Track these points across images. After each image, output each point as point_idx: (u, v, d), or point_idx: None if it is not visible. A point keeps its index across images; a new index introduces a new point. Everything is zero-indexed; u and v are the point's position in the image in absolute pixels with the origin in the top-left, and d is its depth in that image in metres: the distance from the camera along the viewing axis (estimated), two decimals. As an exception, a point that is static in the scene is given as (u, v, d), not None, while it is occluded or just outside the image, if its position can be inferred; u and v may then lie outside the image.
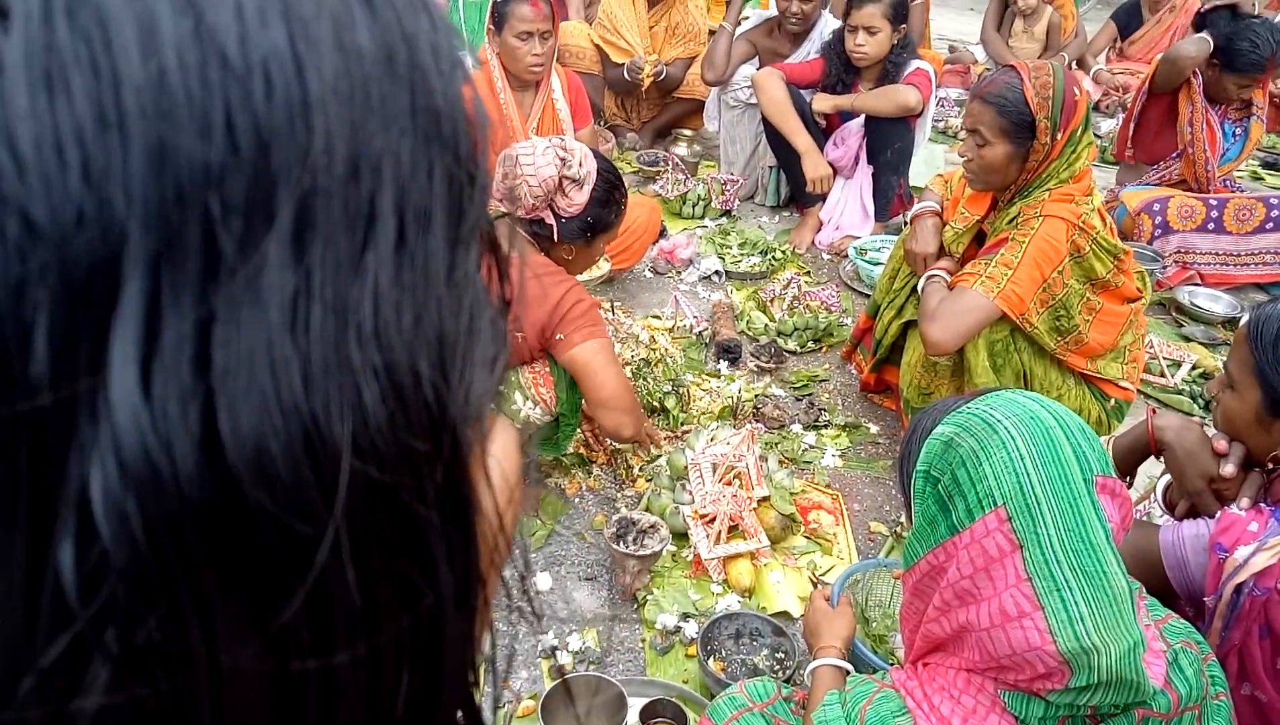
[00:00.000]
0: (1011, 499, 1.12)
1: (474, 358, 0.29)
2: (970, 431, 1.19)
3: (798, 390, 2.92)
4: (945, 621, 1.20)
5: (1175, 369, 3.08)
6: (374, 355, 0.25)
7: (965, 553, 1.15)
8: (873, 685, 1.29)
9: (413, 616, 0.28)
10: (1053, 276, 2.19)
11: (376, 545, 0.26)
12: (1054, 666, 1.10)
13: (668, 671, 1.96)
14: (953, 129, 5.14)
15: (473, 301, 0.29)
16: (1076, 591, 1.09)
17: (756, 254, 3.70)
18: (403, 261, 0.26)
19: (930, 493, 1.21)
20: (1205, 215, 3.57)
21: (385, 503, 0.26)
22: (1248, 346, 1.45)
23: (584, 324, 2.06)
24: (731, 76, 4.03)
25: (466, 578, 0.30)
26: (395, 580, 0.28)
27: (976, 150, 2.24)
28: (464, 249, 0.29)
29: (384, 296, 0.26)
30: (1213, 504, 1.50)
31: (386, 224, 0.26)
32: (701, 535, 2.18)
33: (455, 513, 0.29)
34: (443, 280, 0.28)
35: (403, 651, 0.28)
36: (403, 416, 0.26)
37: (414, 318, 0.26)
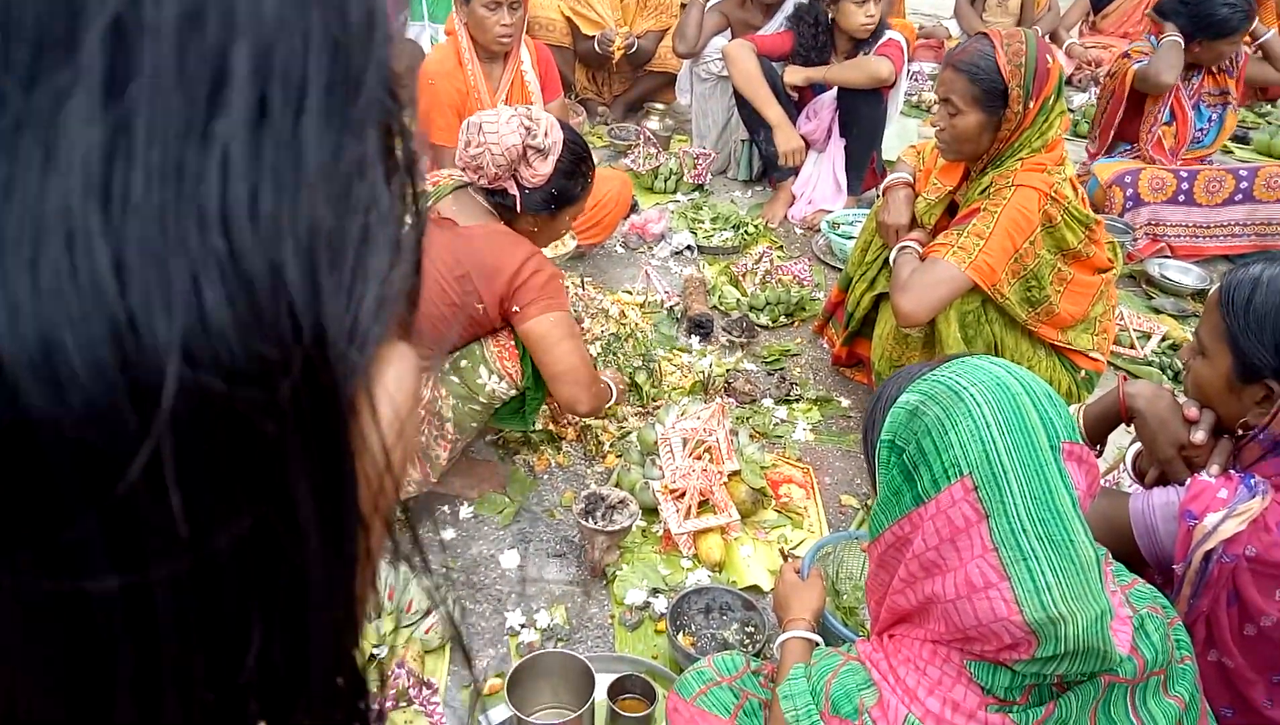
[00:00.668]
0: (977, 468, 1.10)
1: (365, 267, 0.25)
2: (936, 399, 1.16)
3: (769, 365, 2.90)
4: (911, 593, 1.18)
5: (1145, 341, 3.09)
6: (217, 241, 0.21)
7: (931, 523, 1.13)
8: (838, 658, 1.27)
9: (263, 559, 0.24)
10: (1024, 247, 2.17)
11: (210, 466, 0.22)
12: (1020, 637, 1.08)
13: (637, 647, 1.94)
14: (926, 103, 5.12)
15: (368, 201, 0.25)
16: (1043, 560, 1.07)
17: (729, 228, 3.67)
18: (264, 136, 0.22)
19: (895, 462, 1.19)
20: (1176, 187, 3.58)
21: (227, 420, 0.22)
22: (1219, 312, 1.43)
23: (543, 296, 2.01)
24: (703, 49, 3.98)
25: (338, 519, 0.26)
26: (236, 513, 0.23)
27: (949, 119, 2.22)
28: (353, 137, 0.24)
29: (235, 173, 0.21)
30: (1183, 471, 1.49)
31: (242, 87, 0.22)
32: (671, 510, 2.16)
33: (322, 440, 0.25)
34: (319, 168, 0.23)
35: (252, 600, 0.24)
36: (253, 319, 0.22)
37: (275, 205, 0.22)
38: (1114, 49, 5.26)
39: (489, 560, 2.13)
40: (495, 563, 2.12)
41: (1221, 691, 1.35)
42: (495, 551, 2.15)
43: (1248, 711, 1.34)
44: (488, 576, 2.09)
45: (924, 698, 1.15)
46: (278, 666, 0.26)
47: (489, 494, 2.29)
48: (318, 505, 0.25)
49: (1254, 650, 1.32)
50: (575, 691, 1.73)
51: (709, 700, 1.48)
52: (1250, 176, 3.56)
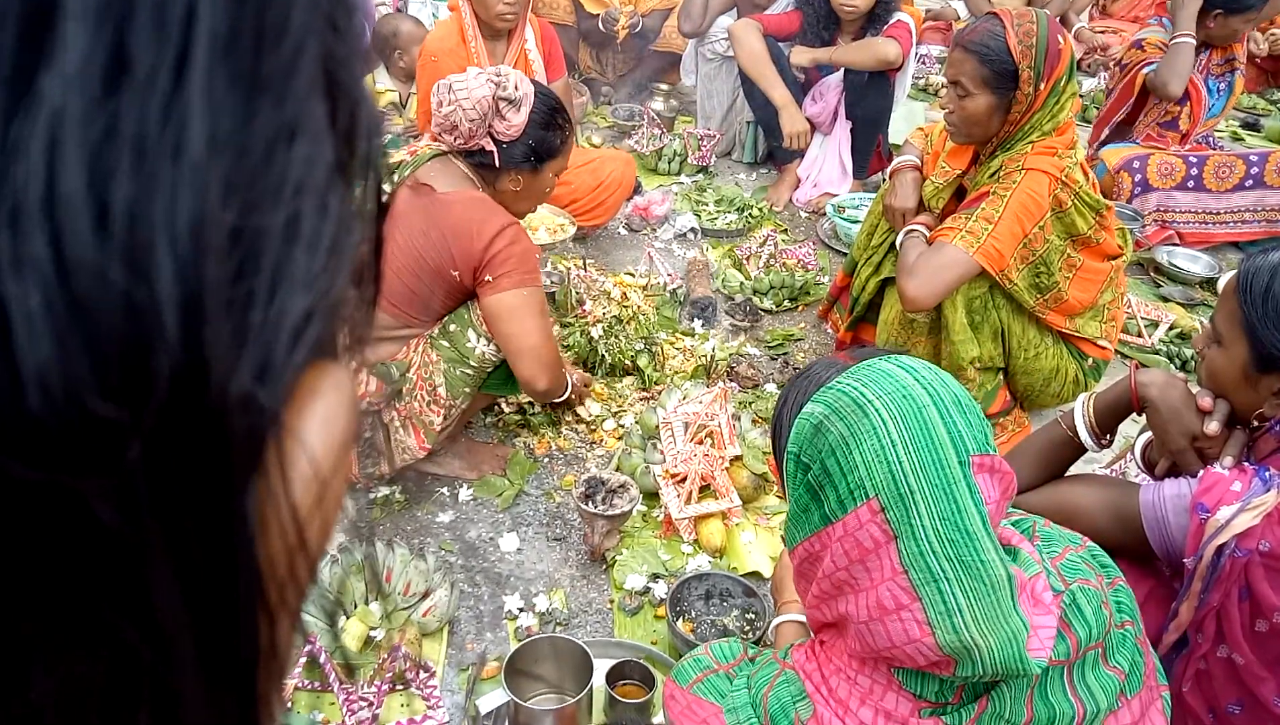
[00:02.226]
0: (884, 490, 1.07)
1: (289, 272, 0.18)
2: (840, 414, 1.12)
3: (772, 349, 2.87)
4: (826, 608, 1.16)
5: (1153, 329, 3.06)
6: (37, 247, 0.15)
7: (839, 544, 1.11)
8: (775, 667, 1.26)
9: (112, 687, 0.18)
10: (1034, 232, 2.14)
11: (19, 589, 0.16)
12: (936, 658, 1.07)
13: (636, 633, 1.92)
14: (933, 86, 5.07)
15: (298, 183, 0.19)
16: (953, 582, 1.05)
17: (733, 211, 3.63)
18: (121, 99, 0.16)
19: (801, 479, 1.16)
20: (1185, 173, 3.54)
21: (44, 513, 0.16)
22: (1236, 300, 1.40)
23: (518, 269, 1.99)
24: (709, 28, 3.93)
25: (225, 621, 0.20)
26: (66, 644, 0.17)
27: (958, 101, 2.18)
28: (273, 97, 0.18)
29: (69, 150, 0.15)
30: (1195, 463, 1.46)
31: (78, 28, 0.16)
32: (672, 495, 2.14)
33: (199, 522, 0.18)
34: (213, 141, 0.17)
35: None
36: (90, 363, 0.16)
37: (135, 194, 0.16)
38: (1124, 33, 5.21)
39: (488, 543, 2.11)
40: (494, 546, 2.10)
41: (1231, 687, 1.33)
42: (494, 534, 2.13)
43: (1257, 708, 1.32)
44: (486, 559, 2.07)
45: (856, 709, 1.14)
46: None
47: (488, 477, 2.27)
48: (190, 610, 0.19)
49: (1265, 646, 1.29)
50: (573, 677, 1.71)
51: (705, 688, 1.46)
52: (1261, 162, 3.52)
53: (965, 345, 2.21)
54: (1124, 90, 3.70)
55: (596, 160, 3.31)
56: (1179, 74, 3.45)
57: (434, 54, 3.10)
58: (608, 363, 2.62)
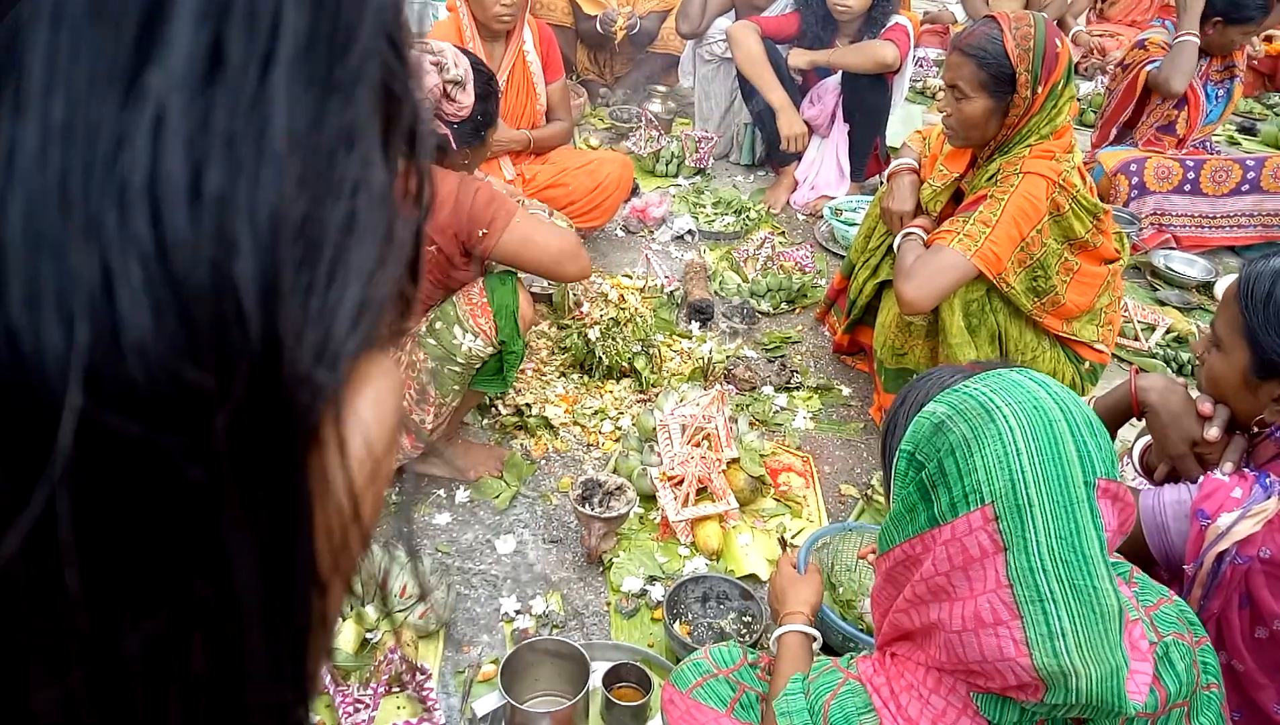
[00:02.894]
0: (1001, 498, 1.02)
1: (346, 263, 0.20)
2: (965, 416, 1.07)
3: (770, 352, 2.87)
4: (915, 614, 1.11)
5: (1149, 332, 3.06)
6: (141, 228, 0.16)
7: (944, 548, 1.06)
8: (838, 675, 1.21)
9: (186, 638, 0.19)
10: (1031, 235, 2.14)
11: (121, 531, 0.17)
12: (1027, 680, 1.01)
13: (633, 635, 1.92)
14: (931, 89, 5.07)
15: (356, 181, 0.20)
16: (1061, 605, 1.00)
17: (730, 213, 3.63)
18: (216, 94, 0.17)
19: (913, 478, 1.11)
20: (1182, 176, 3.54)
21: (143, 469, 0.17)
22: (1237, 305, 1.39)
23: (497, 209, 2.04)
24: (707, 29, 3.93)
25: (287, 586, 0.21)
26: (155, 598, 0.18)
27: (955, 105, 2.18)
28: (340, 100, 0.19)
29: (171, 141, 0.16)
30: (1195, 468, 1.45)
31: (186, 26, 0.17)
32: (669, 497, 2.14)
33: (270, 489, 0.20)
34: (291, 137, 0.18)
35: (170, 690, 0.19)
36: (185, 334, 0.17)
37: (225, 184, 0.17)
38: (1121, 37, 5.22)
39: (485, 545, 2.11)
40: (491, 548, 2.10)
41: (1231, 695, 1.32)
42: (491, 536, 2.13)
43: (1257, 715, 1.31)
44: (483, 561, 2.07)
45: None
46: None
47: (486, 478, 2.27)
48: (260, 570, 0.20)
49: (1265, 653, 1.29)
50: (570, 679, 1.71)
51: (705, 692, 1.45)
52: (1258, 167, 3.53)
53: (962, 348, 2.21)
54: (1127, 89, 3.70)
55: (594, 162, 3.30)
56: (1182, 71, 3.45)
57: (432, 54, 3.09)
58: (605, 365, 2.62)
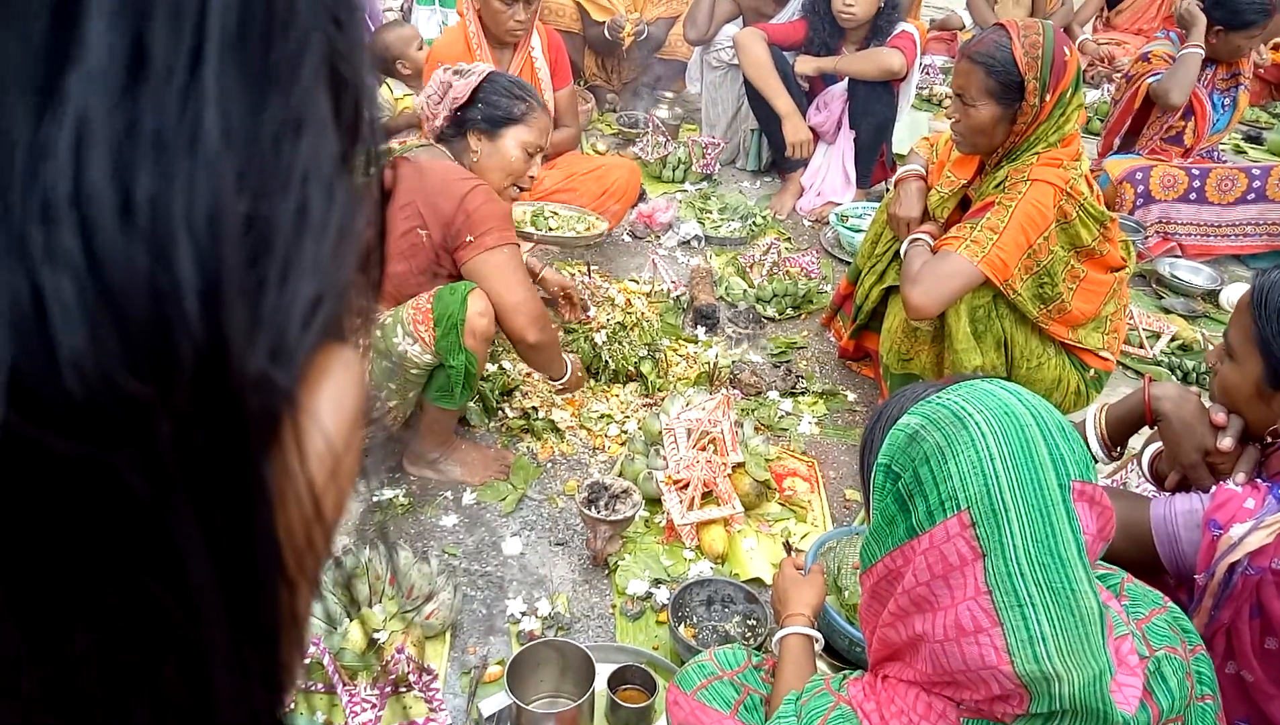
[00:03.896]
0: (976, 503, 1.02)
1: (299, 257, 0.19)
2: (938, 425, 1.07)
3: (775, 357, 2.88)
4: (901, 628, 1.11)
5: (1154, 340, 3.07)
6: (69, 239, 0.16)
7: (923, 558, 1.05)
8: (830, 699, 1.20)
9: (144, 648, 0.19)
10: (1038, 242, 2.15)
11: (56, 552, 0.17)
12: (1010, 689, 1.01)
13: (638, 638, 1.93)
14: (937, 96, 5.08)
15: (305, 172, 0.19)
16: (1040, 609, 0.99)
17: (737, 219, 3.65)
18: (141, 92, 0.17)
19: (890, 489, 1.10)
20: (1188, 185, 3.55)
21: (81, 483, 0.17)
22: (1250, 315, 1.38)
23: (496, 227, 2.06)
24: (714, 36, 3.95)
25: (249, 587, 0.21)
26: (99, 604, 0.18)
27: (964, 112, 2.19)
28: (280, 90, 0.19)
29: (95, 147, 0.16)
30: (1207, 478, 1.45)
31: (100, 26, 0.16)
32: (675, 501, 2.15)
33: (223, 493, 0.19)
34: (227, 133, 0.18)
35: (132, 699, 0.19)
36: (121, 343, 0.17)
37: (157, 188, 0.17)
38: (1127, 45, 5.23)
39: (491, 547, 2.12)
40: (497, 550, 2.11)
41: (1239, 705, 1.32)
42: (497, 539, 2.14)
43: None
44: (489, 563, 2.08)
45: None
46: None
47: (492, 481, 2.28)
48: (218, 570, 0.20)
49: (1274, 664, 1.28)
50: (576, 681, 1.72)
51: (710, 694, 1.46)
52: (1263, 176, 3.53)
53: (968, 354, 2.22)
54: (1129, 101, 3.72)
55: (602, 167, 3.32)
56: (1181, 84, 3.47)
57: (440, 60, 3.11)
58: (611, 369, 2.63)
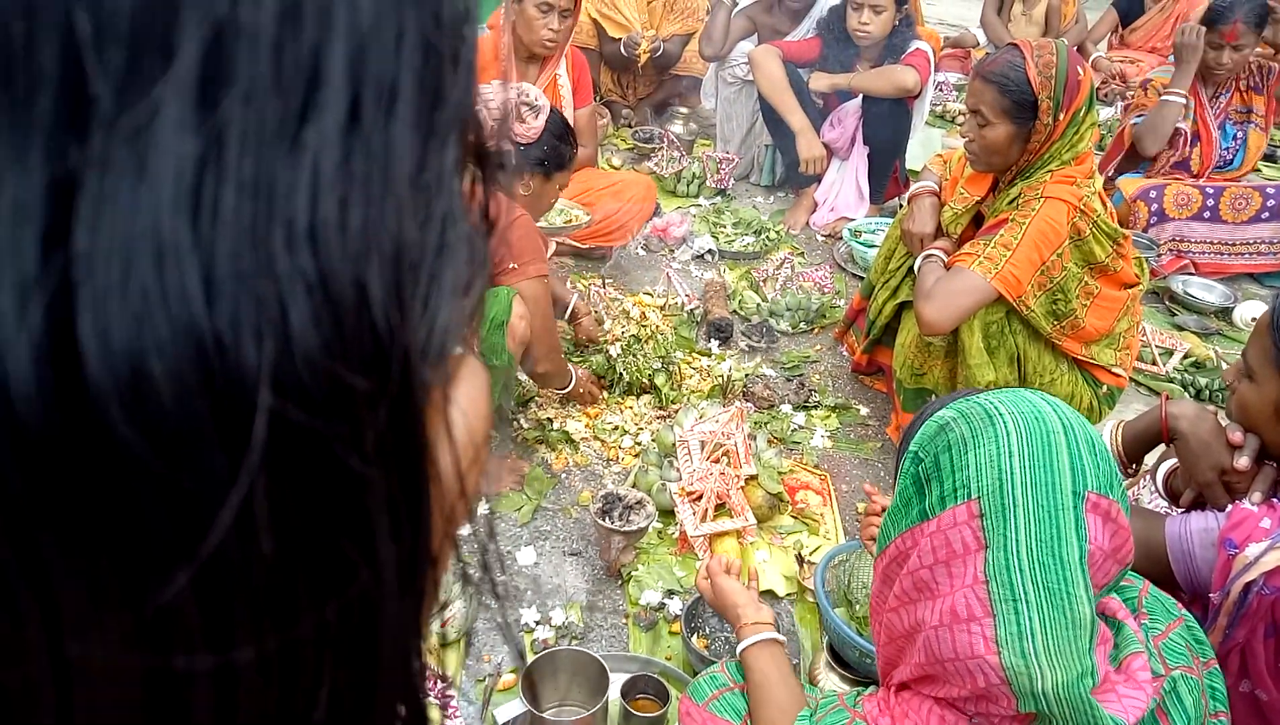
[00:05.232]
0: (988, 495, 1.05)
1: (442, 281, 0.23)
2: (968, 419, 1.11)
3: (788, 370, 2.90)
4: (904, 613, 1.13)
5: (1167, 357, 3.07)
6: (306, 261, 0.19)
7: (929, 540, 1.08)
8: (845, 715, 1.21)
9: (343, 602, 0.23)
10: (1051, 259, 2.16)
11: (296, 510, 0.21)
12: (995, 682, 1.02)
13: (651, 648, 1.94)
14: (951, 113, 5.10)
15: (446, 212, 0.23)
16: (1033, 607, 1.01)
17: (750, 234, 3.67)
18: (354, 145, 0.20)
19: (911, 473, 1.14)
20: (1201, 203, 3.55)
21: (311, 454, 0.21)
22: (1270, 337, 1.39)
23: (534, 259, 2.11)
24: (729, 53, 3.98)
25: (414, 554, 0.24)
26: (321, 555, 0.22)
27: (978, 130, 2.21)
28: (439, 144, 0.23)
29: (325, 186, 0.20)
30: (1223, 497, 1.45)
31: (335, 92, 0.20)
32: (688, 512, 2.16)
33: (404, 473, 0.23)
34: (407, 179, 0.22)
35: (328, 642, 0.23)
36: (339, 344, 0.20)
37: (364, 220, 0.21)
38: (1141, 63, 5.24)
39: (505, 557, 2.14)
40: (512, 559, 2.13)
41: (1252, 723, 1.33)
42: (512, 548, 2.16)
43: None
44: (504, 573, 2.09)
45: None
46: (345, 700, 0.24)
47: (507, 491, 2.30)
48: (396, 542, 0.23)
49: None
50: (589, 689, 1.73)
51: (721, 705, 1.47)
52: (1277, 195, 3.53)
53: (981, 369, 2.23)
54: (1115, 142, 3.77)
55: (619, 183, 3.36)
56: (1155, 132, 3.51)
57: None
58: (625, 381, 2.65)
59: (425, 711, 0.28)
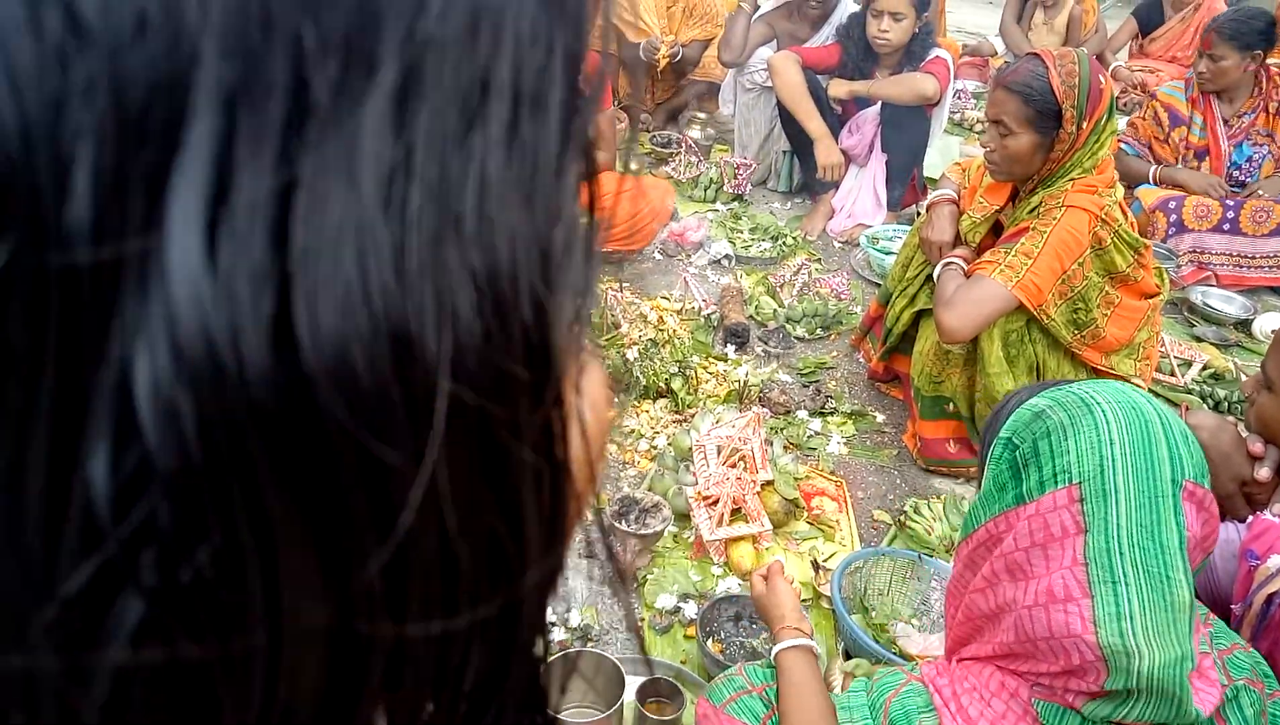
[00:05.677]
0: (1089, 480, 1.06)
1: (575, 278, 0.24)
2: (1064, 406, 1.13)
3: (805, 376, 2.90)
4: (991, 594, 1.13)
5: (1186, 368, 3.05)
6: (474, 257, 0.21)
7: (1027, 523, 1.09)
8: (900, 677, 1.24)
9: (494, 581, 0.24)
10: (1073, 268, 2.16)
11: (466, 488, 0.22)
12: (1090, 661, 1.03)
13: (666, 651, 1.94)
14: (969, 121, 5.10)
15: (572, 216, 0.25)
16: (1133, 588, 1.02)
17: (767, 239, 3.67)
18: (513, 150, 0.22)
19: (1006, 458, 1.15)
20: (1221, 215, 3.54)
21: (476, 438, 0.22)
22: None
23: None
24: (748, 59, 3.99)
25: (552, 535, 0.26)
26: (480, 536, 0.23)
27: (1000, 140, 2.20)
28: (574, 149, 0.24)
29: (490, 188, 0.21)
30: (1243, 508, 1.45)
31: (501, 101, 0.22)
32: (704, 517, 2.17)
33: (548, 457, 0.24)
34: (552, 182, 0.23)
35: (478, 621, 0.24)
36: (501, 334, 0.22)
37: (520, 220, 0.22)
38: (1160, 73, 5.22)
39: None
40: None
41: None
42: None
43: None
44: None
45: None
46: (486, 681, 0.26)
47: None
48: (539, 523, 0.25)
49: None
50: (604, 692, 1.73)
51: (739, 708, 1.48)
52: (1298, 208, 3.52)
53: (1000, 378, 2.23)
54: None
55: (636, 187, 3.37)
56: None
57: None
58: (642, 384, 2.66)
59: (546, 692, 0.30)
